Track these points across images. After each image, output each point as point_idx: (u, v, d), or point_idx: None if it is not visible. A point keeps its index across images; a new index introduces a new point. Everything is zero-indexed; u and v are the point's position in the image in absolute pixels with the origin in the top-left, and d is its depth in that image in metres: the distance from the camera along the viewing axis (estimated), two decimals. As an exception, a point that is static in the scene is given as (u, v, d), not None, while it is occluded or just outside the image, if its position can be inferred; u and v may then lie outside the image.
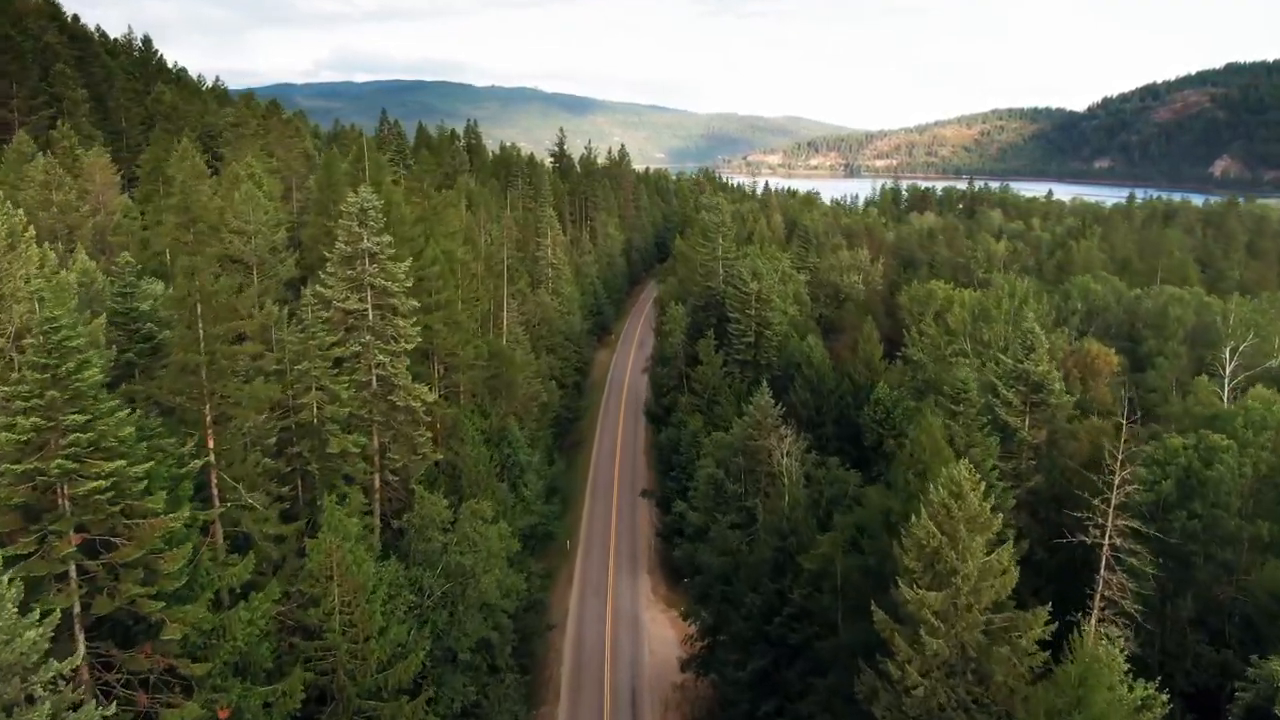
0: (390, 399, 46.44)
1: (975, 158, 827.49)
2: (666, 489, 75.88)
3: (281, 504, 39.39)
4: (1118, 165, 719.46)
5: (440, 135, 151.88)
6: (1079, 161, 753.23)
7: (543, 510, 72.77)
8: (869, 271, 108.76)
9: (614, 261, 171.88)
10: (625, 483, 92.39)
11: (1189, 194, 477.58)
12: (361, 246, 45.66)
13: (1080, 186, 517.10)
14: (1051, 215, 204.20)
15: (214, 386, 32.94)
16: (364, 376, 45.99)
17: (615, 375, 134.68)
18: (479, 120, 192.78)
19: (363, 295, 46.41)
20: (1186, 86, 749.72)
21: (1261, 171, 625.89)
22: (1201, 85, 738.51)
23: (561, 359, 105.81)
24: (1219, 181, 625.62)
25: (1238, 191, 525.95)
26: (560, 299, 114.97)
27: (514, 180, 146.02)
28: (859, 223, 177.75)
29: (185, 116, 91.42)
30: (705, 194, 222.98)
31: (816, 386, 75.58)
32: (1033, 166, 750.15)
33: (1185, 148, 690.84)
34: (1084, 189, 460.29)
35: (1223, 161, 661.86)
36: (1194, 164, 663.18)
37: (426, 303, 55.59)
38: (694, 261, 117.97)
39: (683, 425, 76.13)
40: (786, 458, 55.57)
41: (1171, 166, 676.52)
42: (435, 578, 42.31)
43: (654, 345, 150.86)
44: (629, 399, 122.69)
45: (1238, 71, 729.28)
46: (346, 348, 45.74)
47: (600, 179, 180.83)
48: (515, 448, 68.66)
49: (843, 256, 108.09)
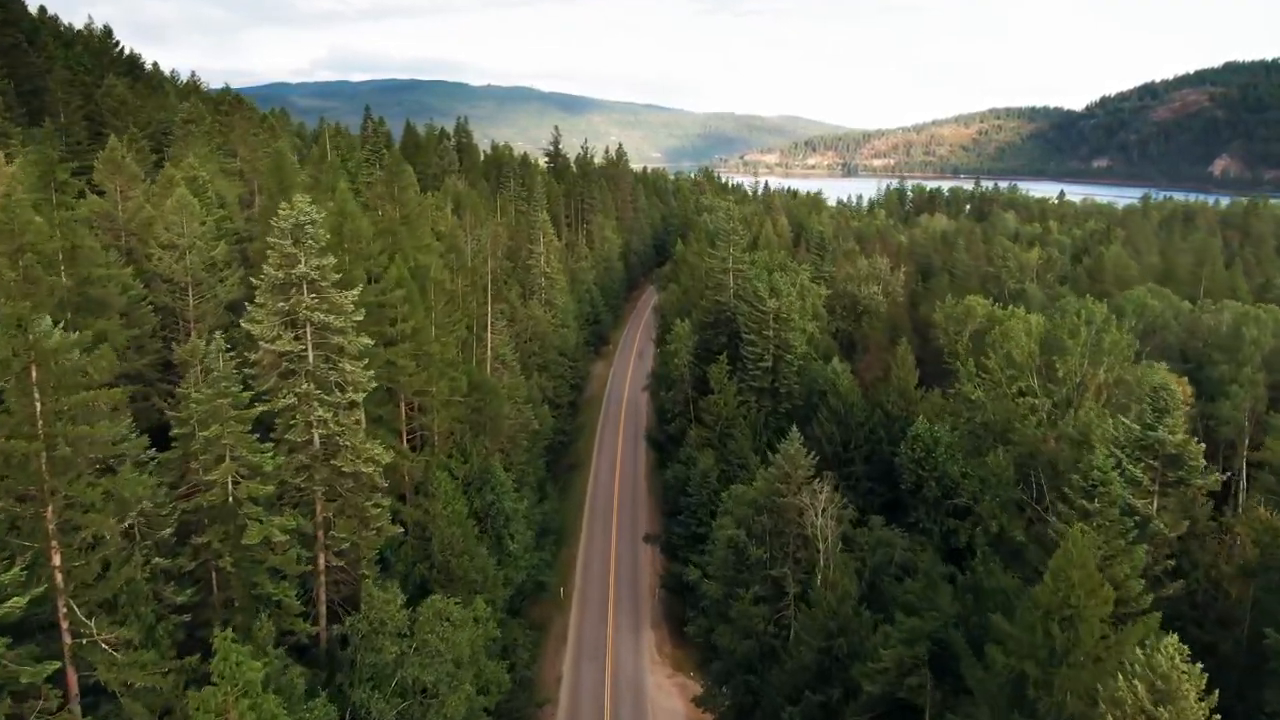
0: (334, 463, 36.61)
1: (973, 157, 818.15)
2: (673, 535, 66.21)
3: (180, 618, 29.64)
4: (1116, 165, 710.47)
5: (428, 134, 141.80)
6: (1077, 161, 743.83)
7: (532, 561, 63.08)
8: (889, 281, 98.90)
9: (611, 266, 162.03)
10: (625, 518, 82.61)
11: (1189, 193, 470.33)
12: (297, 272, 35.81)
13: (1080, 186, 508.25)
14: (1068, 217, 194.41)
15: (57, 484, 23.15)
16: (300, 436, 36.16)
17: (614, 390, 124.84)
18: (476, 119, 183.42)
19: (300, 333, 36.57)
20: (1185, 86, 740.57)
21: (1261, 171, 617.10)
22: (1200, 84, 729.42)
23: (555, 377, 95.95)
24: (1218, 181, 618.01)
25: (1238, 191, 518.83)
26: (554, 310, 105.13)
27: (506, 181, 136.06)
28: (869, 226, 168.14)
29: (136, 112, 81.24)
30: (706, 195, 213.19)
31: (844, 418, 65.88)
32: (1031, 166, 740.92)
33: (1184, 147, 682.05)
34: (1084, 188, 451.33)
35: (1222, 161, 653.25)
36: (1193, 163, 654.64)
37: (390, 334, 45.81)
38: (699, 270, 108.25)
39: (692, 463, 66.43)
40: (822, 517, 45.97)
41: (1171, 166, 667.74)
42: (387, 699, 32.57)
43: (654, 356, 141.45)
44: (628, 417, 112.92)
45: (1236, 70, 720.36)
46: (278, 400, 35.93)
47: (597, 180, 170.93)
48: (500, 493, 58.90)
49: (861, 265, 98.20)
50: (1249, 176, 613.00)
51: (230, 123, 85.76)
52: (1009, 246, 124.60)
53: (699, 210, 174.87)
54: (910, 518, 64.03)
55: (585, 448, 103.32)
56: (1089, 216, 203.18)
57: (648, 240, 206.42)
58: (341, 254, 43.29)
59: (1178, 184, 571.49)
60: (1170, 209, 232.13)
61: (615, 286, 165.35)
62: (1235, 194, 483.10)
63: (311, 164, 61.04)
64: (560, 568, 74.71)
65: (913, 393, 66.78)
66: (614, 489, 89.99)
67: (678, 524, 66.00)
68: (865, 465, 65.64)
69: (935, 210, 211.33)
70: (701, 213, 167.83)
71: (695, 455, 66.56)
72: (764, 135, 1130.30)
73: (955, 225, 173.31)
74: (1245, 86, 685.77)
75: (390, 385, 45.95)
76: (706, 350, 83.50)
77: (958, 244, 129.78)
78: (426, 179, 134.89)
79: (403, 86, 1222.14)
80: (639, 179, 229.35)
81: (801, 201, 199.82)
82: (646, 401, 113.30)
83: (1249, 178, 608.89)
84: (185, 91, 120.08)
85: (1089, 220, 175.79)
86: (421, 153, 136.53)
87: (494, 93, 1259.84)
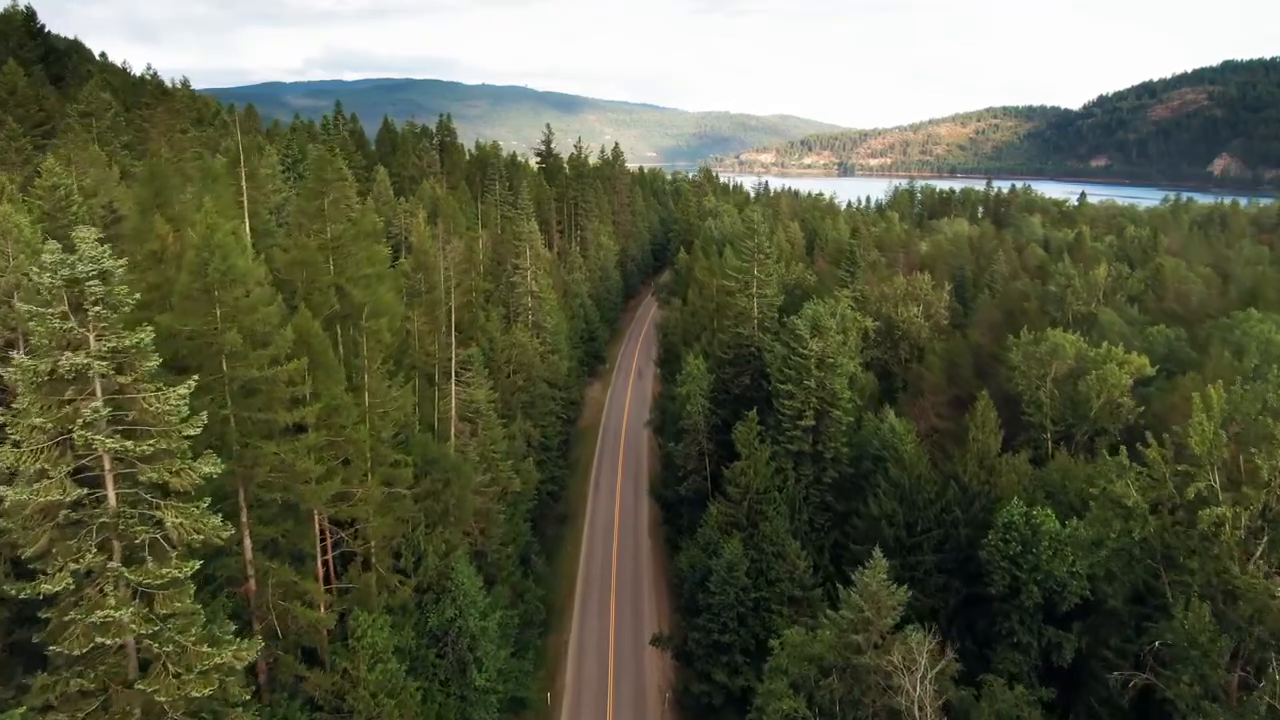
0: (146, 690, 21.21)
1: (970, 156, 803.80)
2: (692, 641, 51.04)
3: None
4: (1115, 163, 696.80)
5: (407, 131, 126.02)
6: (1075, 160, 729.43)
7: (506, 689, 47.87)
8: (931, 302, 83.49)
9: (608, 276, 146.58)
10: (626, 599, 67.24)
11: (1190, 193, 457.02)
12: (73, 363, 20.50)
13: (1079, 185, 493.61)
14: (1098, 221, 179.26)
15: None
16: (79, 648, 20.79)
17: (611, 418, 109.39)
18: (470, 119, 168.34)
19: (86, 464, 21.22)
20: (1183, 84, 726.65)
21: (1262, 170, 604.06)
22: (1198, 83, 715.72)
23: (544, 416, 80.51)
24: (1219, 180, 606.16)
25: (1239, 190, 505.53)
26: (543, 334, 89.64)
27: (491, 185, 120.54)
28: (887, 233, 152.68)
29: (27, 103, 65.57)
30: (709, 197, 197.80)
31: (909, 494, 50.68)
32: (1029, 165, 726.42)
33: (1184, 146, 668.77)
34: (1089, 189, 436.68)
35: (1222, 160, 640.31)
36: (1193, 162, 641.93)
37: (287, 421, 30.42)
38: (709, 288, 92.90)
39: (713, 550, 51.26)
40: (921, 684, 30.95)
41: (1170, 165, 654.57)
42: None
43: (654, 378, 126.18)
44: (629, 455, 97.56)
45: (1235, 69, 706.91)
46: (55, 579, 20.61)
47: (591, 181, 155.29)
48: (464, 607, 43.70)
49: (898, 283, 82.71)
50: (1249, 176, 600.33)
51: (152, 116, 70.14)
52: (1068, 265, 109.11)
53: (703, 215, 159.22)
54: (997, 626, 49.19)
55: (578, 493, 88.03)
56: (1118, 220, 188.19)
57: (645, 246, 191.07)
58: (203, 313, 27.93)
59: (1178, 183, 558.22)
60: (1197, 211, 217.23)
61: (612, 297, 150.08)
62: (1236, 193, 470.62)
63: (225, 167, 45.93)
64: (547, 661, 59.54)
65: (996, 462, 51.69)
66: (612, 553, 74.74)
67: (696, 629, 50.78)
68: (936, 555, 50.53)
69: (950, 213, 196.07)
70: (706, 218, 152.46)
71: (718, 540, 51.29)
72: (758, 134, 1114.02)
73: (979, 230, 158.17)
74: (1244, 85, 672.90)
75: (292, 500, 30.60)
76: (725, 393, 68.10)
77: (994, 254, 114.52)
78: (404, 181, 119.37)
79: (396, 85, 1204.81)
80: (636, 180, 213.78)
81: (809, 204, 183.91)
82: (649, 439, 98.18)
83: (1249, 177, 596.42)
84: (134, 84, 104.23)
85: (1127, 226, 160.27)
86: (399, 153, 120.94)
87: (488, 91, 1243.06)
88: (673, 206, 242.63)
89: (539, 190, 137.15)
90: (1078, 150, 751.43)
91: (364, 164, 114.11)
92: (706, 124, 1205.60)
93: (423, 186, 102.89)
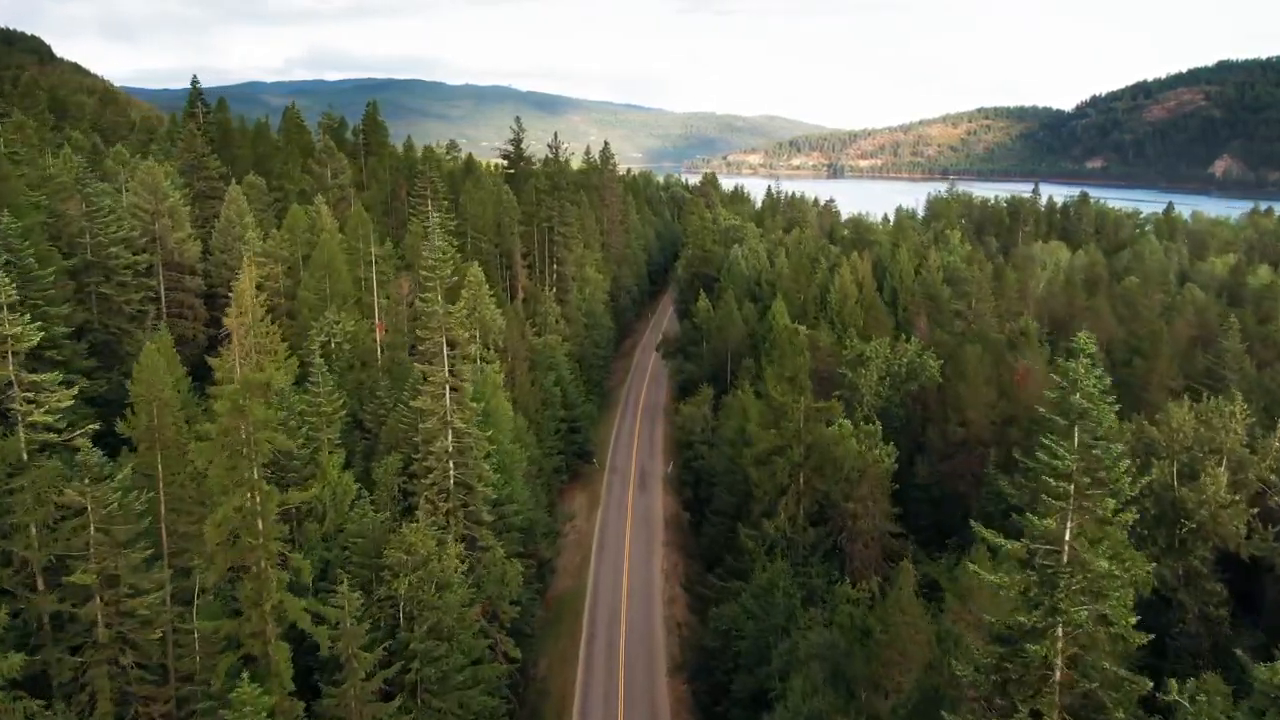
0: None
1: (962, 157, 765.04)
2: None
3: None
4: (1112, 165, 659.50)
5: (286, 125, 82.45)
6: (1070, 161, 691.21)
7: None
8: (1235, 451, 42.09)
9: (596, 323, 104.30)
10: None
11: (1192, 195, 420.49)
12: None
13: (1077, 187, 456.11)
14: (1212, 241, 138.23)
15: None
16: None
17: (601, 589, 66.61)
18: (453, 119, 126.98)
19: None
20: (1179, 85, 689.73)
21: (1265, 172, 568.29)
22: (1194, 83, 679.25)
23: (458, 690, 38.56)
24: (1220, 182, 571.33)
25: (1242, 193, 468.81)
26: (483, 485, 47.32)
27: (418, 203, 77.61)
28: (957, 263, 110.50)
29: None
30: (719, 210, 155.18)
31: None
32: (1022, 166, 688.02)
33: (1182, 147, 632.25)
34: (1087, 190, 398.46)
35: (1223, 161, 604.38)
36: (1192, 164, 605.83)
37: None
38: (794, 413, 50.46)
39: None
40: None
41: (1169, 166, 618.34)
42: None
43: (663, 501, 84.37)
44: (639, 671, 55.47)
45: (1231, 69, 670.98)
46: None
47: (573, 193, 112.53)
48: None
49: (1178, 418, 41.56)
50: (1252, 178, 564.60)
51: None
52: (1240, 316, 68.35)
53: (725, 240, 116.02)
54: None
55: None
56: (1218, 237, 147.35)
57: (642, 270, 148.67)
58: None
59: (1178, 185, 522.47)
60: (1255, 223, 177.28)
61: (602, 349, 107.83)
62: (1240, 196, 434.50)
63: None
64: None
65: None
66: None
67: None
68: None
69: (1019, 228, 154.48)
70: (730, 243, 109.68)
71: None
72: (744, 135, 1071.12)
73: (1086, 258, 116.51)
74: (1242, 85, 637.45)
75: None
76: None
77: (1182, 310, 72.88)
78: (289, 197, 76.23)
79: (378, 85, 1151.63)
80: (629, 187, 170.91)
81: (856, 225, 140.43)
82: (666, 632, 56.19)
83: (1252, 179, 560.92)
84: None
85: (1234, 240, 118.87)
86: (277, 154, 77.70)
87: (471, 91, 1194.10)
88: (669, 217, 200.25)
89: (504, 204, 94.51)
90: (1072, 151, 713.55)
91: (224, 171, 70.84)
92: (692, 125, 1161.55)
93: (292, 212, 59.96)
